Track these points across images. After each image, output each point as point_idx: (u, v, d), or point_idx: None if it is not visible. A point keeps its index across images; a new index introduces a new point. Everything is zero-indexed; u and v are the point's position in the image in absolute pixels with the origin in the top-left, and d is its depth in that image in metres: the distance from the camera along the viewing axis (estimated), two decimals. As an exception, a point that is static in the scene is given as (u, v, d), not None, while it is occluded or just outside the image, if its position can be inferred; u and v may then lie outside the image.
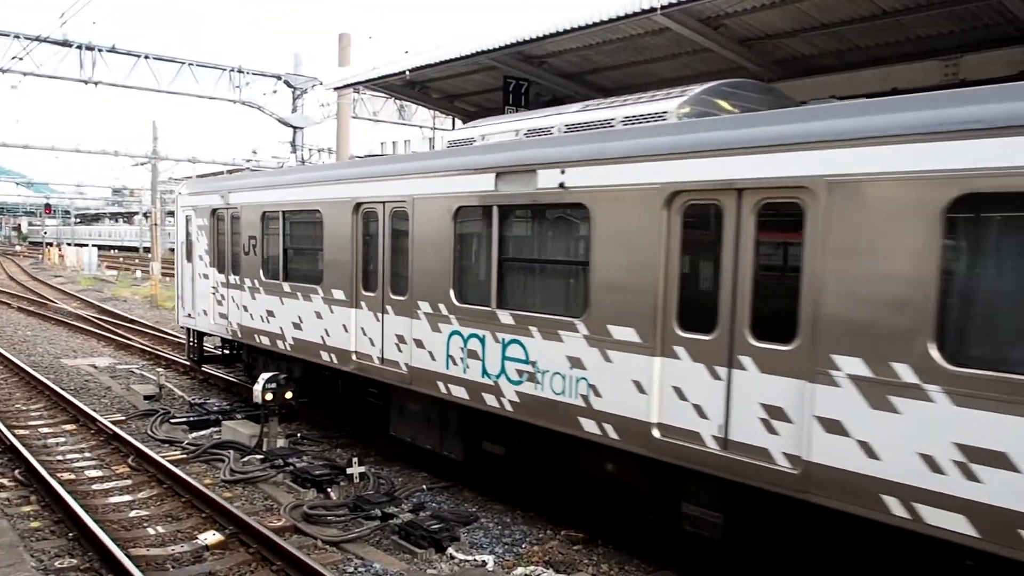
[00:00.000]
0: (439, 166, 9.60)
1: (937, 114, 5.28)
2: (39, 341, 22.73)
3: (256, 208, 13.33)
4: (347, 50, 24.65)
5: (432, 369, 9.56)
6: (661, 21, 10.45)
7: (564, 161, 7.82)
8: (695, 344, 6.77)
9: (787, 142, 6.09)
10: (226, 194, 14.37)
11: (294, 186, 12.52)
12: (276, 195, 12.87)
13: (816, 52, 10.88)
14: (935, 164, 5.23)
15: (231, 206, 14.21)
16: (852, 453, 5.69)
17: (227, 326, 14.40)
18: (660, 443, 7.01)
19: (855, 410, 5.68)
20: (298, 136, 27.93)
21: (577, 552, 8.28)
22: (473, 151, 9.25)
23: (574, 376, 7.77)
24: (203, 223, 15.18)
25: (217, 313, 14.81)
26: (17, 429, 12.43)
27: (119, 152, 45.96)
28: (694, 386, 6.80)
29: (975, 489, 5.09)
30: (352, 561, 8.01)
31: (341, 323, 11.18)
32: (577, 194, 7.67)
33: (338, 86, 18.83)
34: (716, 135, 6.64)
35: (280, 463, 10.94)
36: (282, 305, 12.64)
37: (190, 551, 8.17)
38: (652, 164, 7.03)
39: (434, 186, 9.56)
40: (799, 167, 5.99)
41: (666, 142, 6.98)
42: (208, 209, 14.95)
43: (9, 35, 23.94)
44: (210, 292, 14.99)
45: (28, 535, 8.36)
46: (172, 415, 13.85)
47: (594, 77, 13.85)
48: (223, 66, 27.44)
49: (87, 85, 25.68)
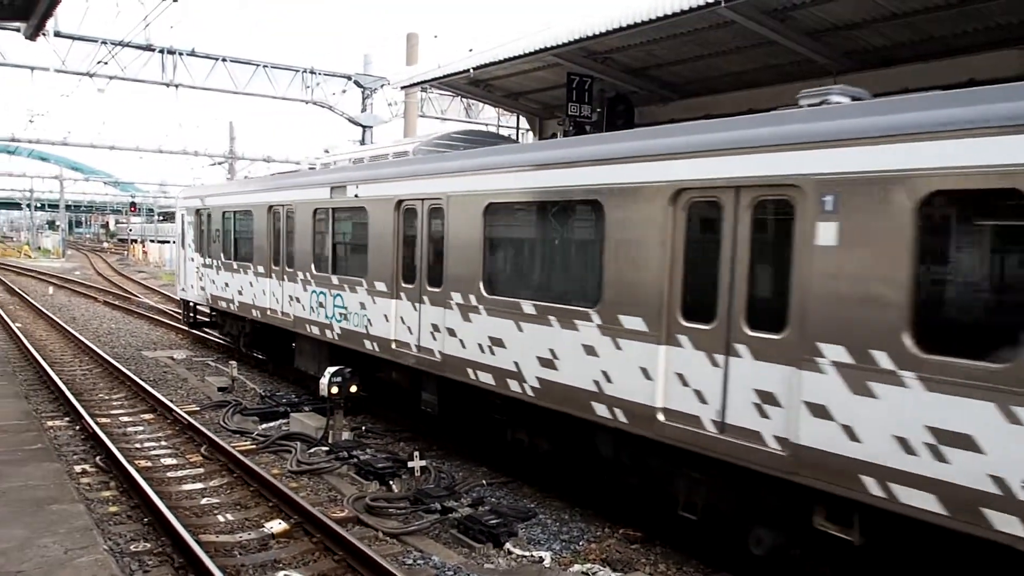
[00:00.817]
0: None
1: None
2: (122, 333, 23.74)
3: (218, 209, 18.31)
4: (415, 49, 24.96)
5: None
6: (726, 14, 10.30)
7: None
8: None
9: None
10: (204, 198, 19.35)
11: (236, 194, 17.65)
12: (227, 200, 17.84)
13: (888, 43, 10.55)
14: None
15: (206, 207, 19.10)
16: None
17: (205, 295, 19.38)
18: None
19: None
20: (367, 135, 28.43)
21: (635, 551, 8.25)
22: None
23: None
24: (191, 219, 20.19)
25: (200, 287, 19.76)
26: (100, 417, 13.02)
27: (199, 152, 47.69)
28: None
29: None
30: (412, 553, 8.14)
31: (262, 288, 15.99)
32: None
33: (404, 85, 19.13)
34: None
35: (344, 455, 11.20)
36: (238, 277, 17.24)
37: (257, 539, 8.44)
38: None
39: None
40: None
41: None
42: (194, 209, 19.96)
43: (96, 41, 25.02)
44: (195, 271, 20.03)
45: (106, 519, 8.76)
46: (244, 406, 14.30)
47: (659, 72, 13.73)
48: (296, 67, 28.14)
49: (168, 88, 26.70)
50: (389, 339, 11.49)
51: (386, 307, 11.56)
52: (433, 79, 16.95)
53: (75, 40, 24.96)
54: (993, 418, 5.12)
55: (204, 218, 19.27)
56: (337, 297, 13.02)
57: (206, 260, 19.20)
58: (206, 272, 19.23)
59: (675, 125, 7.61)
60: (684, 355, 7.18)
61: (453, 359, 10.15)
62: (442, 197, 10.31)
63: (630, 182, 7.64)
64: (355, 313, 12.39)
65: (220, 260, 18.20)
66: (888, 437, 5.68)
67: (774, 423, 6.44)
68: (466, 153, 10.61)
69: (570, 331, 8.38)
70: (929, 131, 5.40)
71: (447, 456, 11.54)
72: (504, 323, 9.28)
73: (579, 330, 8.25)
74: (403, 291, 11.27)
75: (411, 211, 11.07)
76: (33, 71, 25.65)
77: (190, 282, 20.54)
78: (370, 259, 11.95)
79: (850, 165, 5.85)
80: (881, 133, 5.68)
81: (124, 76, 26.12)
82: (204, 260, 19.33)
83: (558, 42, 12.75)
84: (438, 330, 10.46)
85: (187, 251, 20.68)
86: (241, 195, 17.33)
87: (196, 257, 19.85)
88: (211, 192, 19.28)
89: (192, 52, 26.54)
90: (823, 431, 6.07)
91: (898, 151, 5.55)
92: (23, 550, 6.42)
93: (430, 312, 10.65)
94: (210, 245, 18.85)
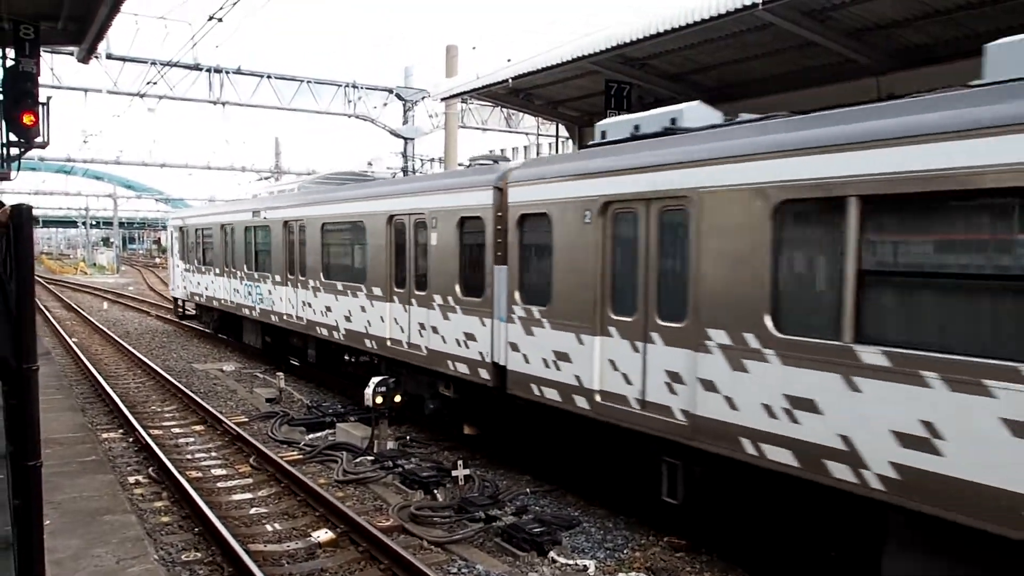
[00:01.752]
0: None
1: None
2: (174, 347, 24.30)
3: (192, 227, 24.85)
4: (454, 61, 25.17)
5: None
6: (764, 16, 10.19)
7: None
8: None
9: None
10: (184, 219, 26.00)
11: (202, 216, 24.24)
12: (198, 220, 24.39)
13: (932, 41, 10.35)
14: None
15: (185, 225, 25.60)
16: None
17: (187, 292, 25.60)
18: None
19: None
20: (409, 146, 28.75)
21: (680, 559, 8.18)
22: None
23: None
24: (176, 234, 26.85)
25: (183, 286, 26.00)
26: (152, 429, 13.35)
27: (245, 168, 48.61)
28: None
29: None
30: (456, 562, 8.18)
31: (219, 285, 22.05)
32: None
33: (444, 96, 19.29)
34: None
35: (389, 464, 11.30)
36: (204, 277, 23.51)
37: (304, 548, 8.56)
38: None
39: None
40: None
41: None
42: (177, 226, 26.71)
43: (146, 62, 25.78)
44: (180, 274, 26.38)
45: (158, 529, 8.98)
46: (291, 417, 14.53)
47: (697, 77, 13.64)
48: (338, 82, 28.62)
49: (216, 105, 27.35)
50: (282, 313, 17.50)
51: (282, 292, 17.44)
52: (472, 90, 17.07)
53: (126, 62, 25.77)
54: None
55: (183, 233, 25.92)
56: (256, 287, 19.07)
57: (185, 265, 25.63)
58: (187, 275, 25.52)
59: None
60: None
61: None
62: (304, 218, 16.25)
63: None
64: (270, 298, 18.21)
65: (194, 265, 24.62)
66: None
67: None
68: (321, 190, 17.13)
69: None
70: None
71: (491, 465, 11.57)
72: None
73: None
74: (293, 281, 16.98)
75: (291, 227, 17.04)
76: (87, 93, 26.57)
77: (177, 283, 27.06)
78: (272, 260, 17.91)
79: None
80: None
81: (173, 95, 26.86)
82: (185, 265, 25.67)
83: (596, 49, 12.74)
84: (305, 305, 16.45)
85: (174, 258, 27.27)
86: (204, 217, 23.93)
87: (180, 264, 26.35)
88: (188, 215, 26.23)
89: (238, 70, 27.18)
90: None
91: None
92: (77, 560, 6.61)
93: (324, 297, 15.55)
94: (187, 253, 25.40)
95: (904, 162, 5.58)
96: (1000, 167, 5.04)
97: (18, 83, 12.54)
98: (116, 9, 11.48)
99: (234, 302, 20.73)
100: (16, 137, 13.21)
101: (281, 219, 17.20)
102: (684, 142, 7.67)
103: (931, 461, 5.50)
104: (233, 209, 21.19)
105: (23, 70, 12.49)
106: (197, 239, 24.25)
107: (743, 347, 6.82)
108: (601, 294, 8.50)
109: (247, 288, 19.63)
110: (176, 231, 26.86)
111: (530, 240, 9.80)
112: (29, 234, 3.89)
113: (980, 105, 5.25)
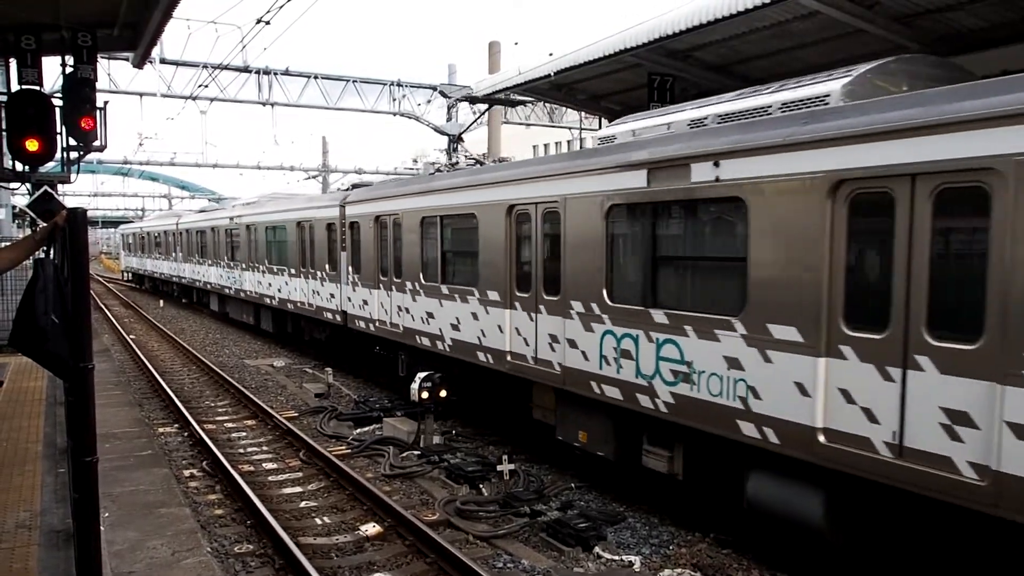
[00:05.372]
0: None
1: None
2: (226, 343, 24.85)
3: (143, 229, 42.96)
4: (496, 57, 25.21)
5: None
6: (809, 4, 10.01)
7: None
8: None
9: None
10: (177, 221, 35.65)
11: (195, 221, 32.15)
12: (189, 223, 32.10)
13: (986, 24, 10.03)
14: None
15: (143, 231, 42.60)
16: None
17: (149, 272, 40.79)
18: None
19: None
20: (453, 143, 28.87)
21: (726, 556, 8.11)
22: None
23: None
24: (131, 240, 44.81)
25: (143, 267, 42.02)
26: (206, 424, 13.69)
27: (294, 167, 49.31)
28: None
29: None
30: (501, 557, 8.24)
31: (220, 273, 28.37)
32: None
33: (487, 93, 19.30)
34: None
35: (435, 459, 11.42)
36: (200, 266, 30.61)
37: (352, 541, 8.71)
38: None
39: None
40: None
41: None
42: (131, 233, 45.89)
43: (197, 65, 26.34)
44: (135, 262, 43.26)
45: (211, 522, 9.22)
46: (339, 412, 14.76)
47: (741, 68, 13.43)
48: (383, 80, 28.90)
49: (265, 106, 27.85)
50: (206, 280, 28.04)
51: (215, 272, 27.55)
52: (515, 85, 17.04)
53: (178, 66, 26.37)
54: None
55: (137, 237, 43.12)
56: (204, 270, 28.76)
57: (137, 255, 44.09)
58: (143, 260, 42.81)
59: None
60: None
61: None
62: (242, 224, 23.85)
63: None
64: (217, 279, 27.65)
65: (152, 256, 40.03)
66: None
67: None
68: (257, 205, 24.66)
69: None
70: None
71: (536, 460, 11.61)
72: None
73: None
74: (266, 269, 22.81)
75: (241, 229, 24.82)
76: (142, 97, 27.27)
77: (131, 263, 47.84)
78: (209, 250, 24.52)
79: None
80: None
81: (224, 97, 27.40)
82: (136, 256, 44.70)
83: (637, 42, 12.61)
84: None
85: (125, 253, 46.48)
86: (199, 221, 31.75)
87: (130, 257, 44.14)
88: (181, 220, 36.12)
89: (286, 71, 27.61)
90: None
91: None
92: (134, 551, 6.83)
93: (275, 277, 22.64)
94: (140, 251, 41.04)
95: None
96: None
97: (77, 89, 12.90)
98: (168, 15, 11.70)
99: (185, 277, 33.06)
100: (75, 141, 13.58)
101: (224, 226, 23.83)
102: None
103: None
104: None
105: (81, 76, 12.84)
106: (186, 239, 32.59)
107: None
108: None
109: (189, 268, 29.61)
110: (129, 237, 42.73)
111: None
112: (84, 237, 4.04)
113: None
